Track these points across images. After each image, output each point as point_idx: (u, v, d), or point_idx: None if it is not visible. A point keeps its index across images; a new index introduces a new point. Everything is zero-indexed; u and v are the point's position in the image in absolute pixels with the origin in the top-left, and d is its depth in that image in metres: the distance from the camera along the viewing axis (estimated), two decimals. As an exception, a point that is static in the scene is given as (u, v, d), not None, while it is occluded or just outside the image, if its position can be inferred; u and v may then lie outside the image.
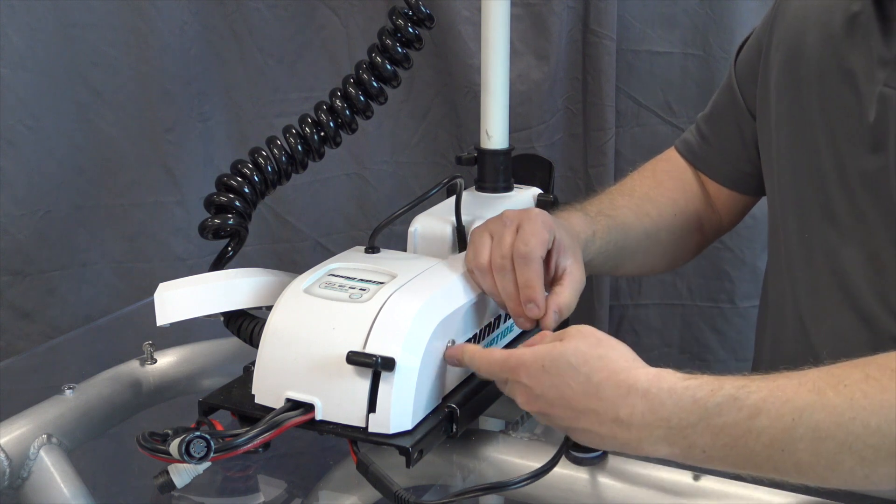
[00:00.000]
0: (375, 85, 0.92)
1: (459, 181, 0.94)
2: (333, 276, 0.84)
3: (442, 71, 1.61)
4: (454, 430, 0.81)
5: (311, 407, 0.77)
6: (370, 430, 0.76)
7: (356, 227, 1.71)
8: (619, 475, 0.79)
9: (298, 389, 0.78)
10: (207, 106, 1.63)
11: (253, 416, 0.79)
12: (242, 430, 0.76)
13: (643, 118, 1.59)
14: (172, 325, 0.86)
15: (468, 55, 1.55)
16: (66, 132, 1.58)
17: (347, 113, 0.92)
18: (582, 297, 0.90)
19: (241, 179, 0.89)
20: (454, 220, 0.94)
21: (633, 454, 0.76)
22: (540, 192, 1.07)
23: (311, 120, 0.92)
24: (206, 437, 0.71)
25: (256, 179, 0.90)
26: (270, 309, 0.83)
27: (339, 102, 0.92)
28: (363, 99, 0.92)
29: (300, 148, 0.92)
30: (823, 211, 0.95)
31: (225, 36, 1.61)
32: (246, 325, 0.87)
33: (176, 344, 1.04)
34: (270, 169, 0.90)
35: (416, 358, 0.77)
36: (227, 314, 0.88)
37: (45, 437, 0.86)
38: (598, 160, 1.58)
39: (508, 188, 1.05)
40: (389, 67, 0.92)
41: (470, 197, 1.02)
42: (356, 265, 0.86)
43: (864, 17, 0.91)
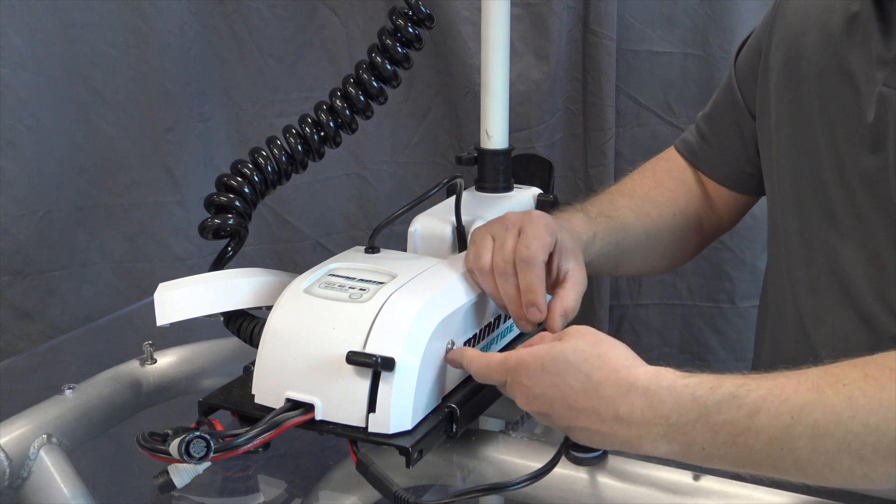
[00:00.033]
0: (375, 85, 0.92)
1: (459, 181, 0.94)
2: (333, 276, 0.84)
3: (442, 71, 1.61)
4: (454, 430, 0.81)
5: (311, 407, 0.77)
6: (370, 430, 0.76)
7: (356, 227, 1.70)
8: (618, 475, 0.79)
9: (298, 389, 0.78)
10: (207, 106, 1.63)
11: (253, 416, 0.79)
12: (242, 430, 0.76)
13: (643, 118, 1.59)
14: (172, 325, 0.86)
15: (468, 55, 1.55)
16: (66, 132, 1.58)
17: (347, 113, 0.92)
18: (582, 297, 0.90)
19: (241, 179, 0.89)
20: (454, 220, 0.94)
21: (633, 453, 0.76)
22: (540, 192, 1.07)
23: (311, 120, 0.92)
24: (206, 437, 0.71)
25: (256, 179, 0.90)
26: (270, 309, 0.83)
27: (339, 102, 0.92)
28: (363, 99, 0.92)
29: (300, 148, 0.91)
30: (823, 211, 0.95)
31: (225, 36, 1.61)
32: (246, 325, 0.87)
33: (176, 344, 1.04)
34: (270, 169, 0.90)
35: (415, 358, 0.77)
36: (227, 314, 0.88)
37: (45, 437, 0.86)
38: (598, 160, 1.58)
39: (508, 188, 1.05)
40: (389, 67, 0.92)
41: (470, 197, 1.02)
42: (356, 265, 0.86)
43: (863, 17, 0.91)
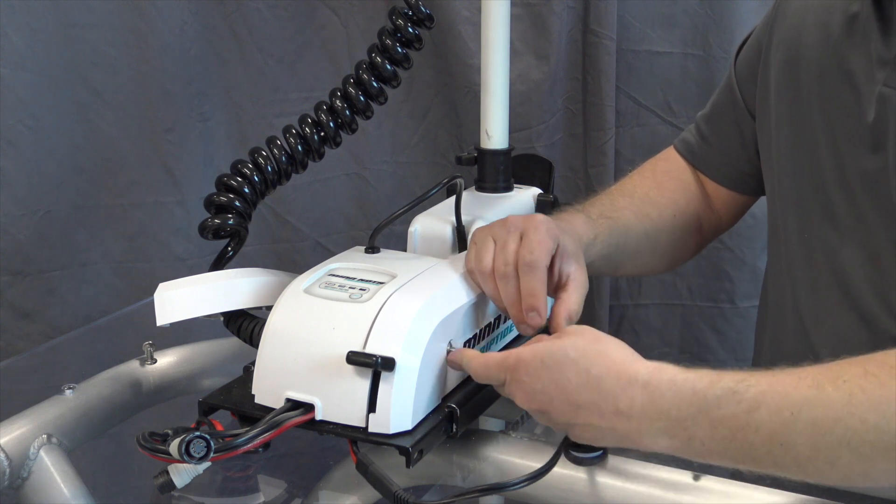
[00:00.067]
0: (375, 85, 0.92)
1: (459, 181, 0.94)
2: (333, 276, 0.84)
3: (442, 71, 1.61)
4: (454, 430, 0.81)
5: (311, 407, 0.77)
6: (370, 430, 0.76)
7: (356, 227, 1.70)
8: (618, 475, 0.79)
9: (298, 389, 0.78)
10: (207, 106, 1.63)
11: (253, 416, 0.79)
12: (242, 430, 0.76)
13: (643, 118, 1.59)
14: (172, 325, 0.86)
15: (468, 55, 1.55)
16: (66, 132, 1.58)
17: (347, 113, 0.92)
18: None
19: (241, 179, 0.89)
20: (454, 220, 0.94)
21: (632, 448, 0.75)
22: (540, 192, 1.07)
23: (311, 120, 0.92)
24: (206, 437, 0.71)
25: (256, 179, 0.90)
26: (270, 309, 0.83)
27: (339, 102, 0.92)
28: (363, 99, 0.92)
29: (300, 148, 0.91)
30: (823, 211, 0.95)
31: (225, 36, 1.61)
32: (246, 325, 0.87)
33: (176, 344, 1.04)
34: (270, 169, 0.90)
35: (416, 358, 0.77)
36: (227, 314, 0.88)
37: (45, 437, 0.86)
38: (598, 160, 1.58)
39: (508, 188, 1.05)
40: (389, 67, 0.92)
41: (470, 197, 1.02)
42: (356, 265, 0.86)
43: (863, 17, 0.91)
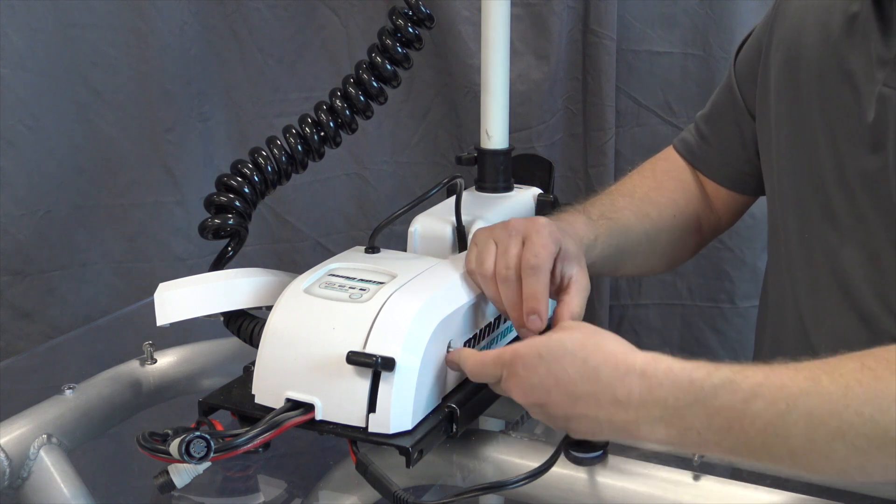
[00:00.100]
0: (375, 85, 0.92)
1: (459, 181, 0.94)
2: (333, 276, 0.84)
3: (442, 71, 1.61)
4: (454, 430, 0.81)
5: (311, 407, 0.77)
6: (370, 430, 0.76)
7: (356, 227, 1.71)
8: (618, 475, 0.79)
9: (298, 389, 0.78)
10: (207, 106, 1.63)
11: (253, 416, 0.79)
12: (242, 430, 0.76)
13: (643, 118, 1.59)
14: (172, 325, 0.86)
15: (468, 55, 1.55)
16: (66, 132, 1.58)
17: (347, 113, 0.92)
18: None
19: (241, 179, 0.89)
20: (454, 220, 0.94)
21: (630, 439, 0.75)
22: (540, 192, 1.07)
23: (311, 120, 0.92)
24: (206, 437, 0.71)
25: (256, 179, 0.90)
26: (270, 309, 0.83)
27: (339, 102, 0.92)
28: (363, 99, 0.92)
29: (300, 148, 0.91)
30: (823, 211, 0.95)
31: (225, 36, 1.61)
32: (246, 325, 0.87)
33: (176, 344, 1.04)
34: (270, 169, 0.90)
35: (415, 358, 0.77)
36: (227, 314, 0.88)
37: (45, 437, 0.86)
38: (598, 160, 1.58)
39: (508, 188, 1.05)
40: (389, 67, 0.92)
41: (470, 197, 1.02)
42: (356, 265, 0.86)
43: (863, 17, 0.91)
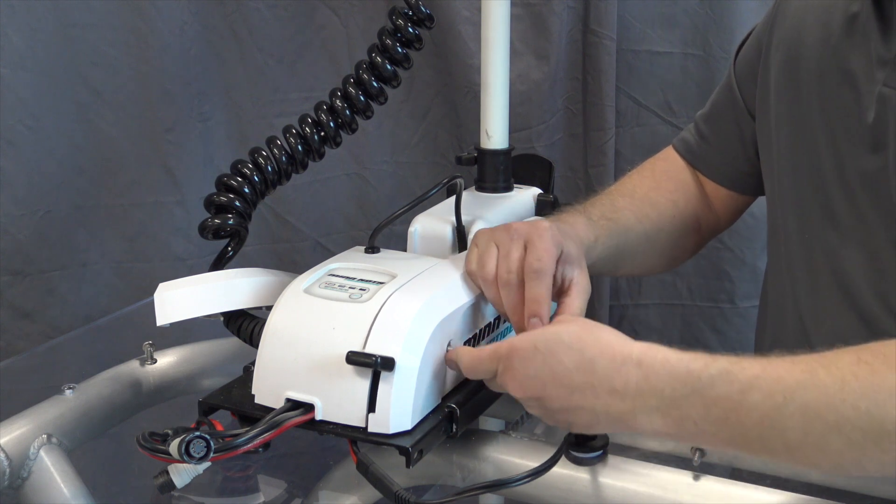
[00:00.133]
0: (375, 85, 0.92)
1: (459, 181, 0.94)
2: (333, 276, 0.84)
3: (442, 71, 1.61)
4: (454, 430, 0.81)
5: (311, 407, 0.77)
6: (370, 430, 0.76)
7: (356, 227, 1.71)
8: (618, 475, 0.79)
9: (298, 389, 0.78)
10: (207, 106, 1.63)
11: (253, 416, 0.79)
12: (242, 430, 0.76)
13: (643, 118, 1.59)
14: (172, 325, 0.86)
15: (468, 55, 1.55)
16: (66, 132, 1.58)
17: (347, 113, 0.92)
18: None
19: (241, 179, 0.89)
20: (454, 220, 0.94)
21: (628, 430, 0.75)
22: (540, 192, 1.07)
23: (311, 120, 0.92)
24: (206, 437, 0.71)
25: (256, 179, 0.90)
26: (270, 309, 0.83)
27: (339, 102, 0.92)
28: (363, 99, 0.92)
29: (300, 148, 0.91)
30: (823, 211, 0.95)
31: (225, 36, 1.61)
32: (246, 325, 0.87)
33: (176, 344, 1.04)
34: (270, 169, 0.90)
35: (415, 358, 0.77)
36: (227, 314, 0.88)
37: (45, 437, 0.86)
38: (598, 160, 1.58)
39: (508, 188, 1.05)
40: (389, 67, 0.92)
41: (470, 197, 1.02)
42: (356, 265, 0.86)
43: (863, 17, 0.91)
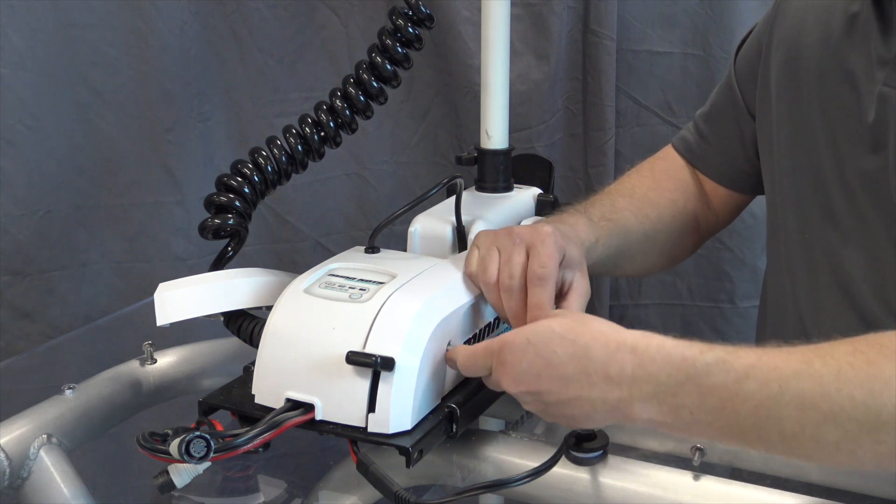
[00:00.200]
0: (375, 85, 0.92)
1: (459, 181, 0.94)
2: (333, 276, 0.84)
3: (442, 71, 1.61)
4: (454, 430, 0.81)
5: (311, 407, 0.77)
6: (370, 430, 0.76)
7: (356, 227, 1.71)
8: (618, 475, 0.79)
9: (298, 389, 0.78)
10: (207, 106, 1.63)
11: (253, 416, 0.79)
12: (242, 430, 0.76)
13: (643, 118, 1.59)
14: (172, 325, 0.86)
15: (468, 55, 1.55)
16: (66, 132, 1.58)
17: (347, 113, 0.92)
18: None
19: (241, 179, 0.89)
20: (454, 220, 0.94)
21: (624, 420, 0.74)
22: (540, 192, 1.07)
23: (311, 120, 0.92)
24: (206, 437, 0.71)
25: (256, 179, 0.90)
26: (270, 309, 0.83)
27: (339, 102, 0.92)
28: (363, 99, 0.92)
29: (300, 148, 0.91)
30: (823, 211, 0.95)
31: (225, 36, 1.61)
32: (246, 325, 0.87)
33: (176, 344, 1.04)
34: (270, 169, 0.90)
35: (415, 358, 0.77)
36: (227, 314, 0.88)
37: (45, 437, 0.86)
38: (598, 160, 1.58)
39: (508, 188, 1.05)
40: (389, 67, 0.92)
41: (470, 197, 1.02)
42: (356, 265, 0.86)
43: (863, 17, 0.91)
